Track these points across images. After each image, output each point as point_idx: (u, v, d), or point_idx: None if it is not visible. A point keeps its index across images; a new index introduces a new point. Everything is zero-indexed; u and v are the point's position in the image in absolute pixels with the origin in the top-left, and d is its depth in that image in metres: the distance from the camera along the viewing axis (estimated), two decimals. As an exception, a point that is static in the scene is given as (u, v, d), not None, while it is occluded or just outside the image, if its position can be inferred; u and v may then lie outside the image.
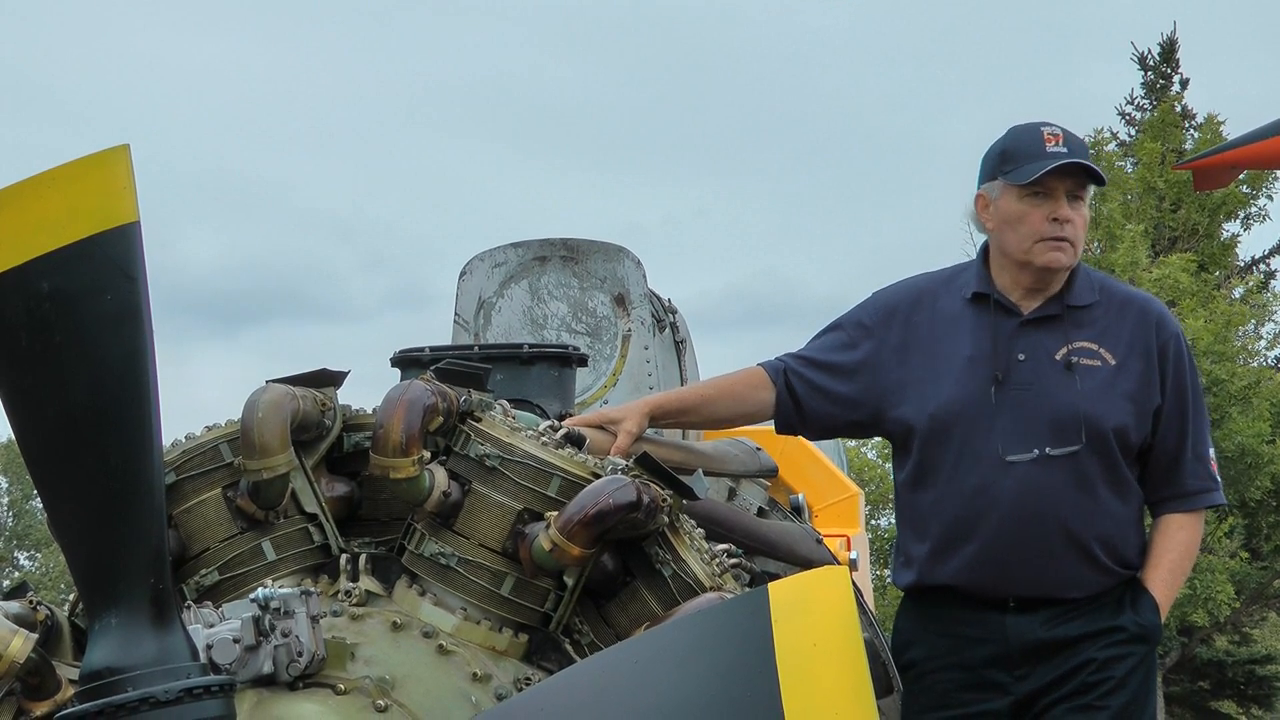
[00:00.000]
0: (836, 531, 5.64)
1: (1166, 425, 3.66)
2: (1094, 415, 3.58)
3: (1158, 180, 24.96)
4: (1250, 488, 23.17)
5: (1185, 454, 3.68)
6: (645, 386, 4.70)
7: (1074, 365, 3.62)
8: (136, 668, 2.23)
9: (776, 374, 3.79)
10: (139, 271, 2.22)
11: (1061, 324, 3.66)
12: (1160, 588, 3.65)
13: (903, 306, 3.77)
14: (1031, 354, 3.64)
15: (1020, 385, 3.62)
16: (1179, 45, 28.31)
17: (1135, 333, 3.67)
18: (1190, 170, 11.56)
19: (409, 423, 2.89)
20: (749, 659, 2.22)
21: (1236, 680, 28.02)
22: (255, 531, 3.03)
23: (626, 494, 2.82)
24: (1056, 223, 3.61)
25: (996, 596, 3.61)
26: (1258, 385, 22.99)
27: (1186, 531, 3.71)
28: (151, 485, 2.26)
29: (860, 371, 3.75)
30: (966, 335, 3.68)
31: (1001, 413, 3.60)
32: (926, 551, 3.66)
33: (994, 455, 3.58)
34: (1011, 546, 3.57)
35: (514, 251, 4.80)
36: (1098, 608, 3.60)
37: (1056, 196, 3.62)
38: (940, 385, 3.65)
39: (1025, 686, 3.57)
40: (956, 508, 3.62)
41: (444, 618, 2.92)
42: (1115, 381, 3.63)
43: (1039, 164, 3.60)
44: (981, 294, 3.70)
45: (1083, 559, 3.59)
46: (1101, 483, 3.60)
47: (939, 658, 3.65)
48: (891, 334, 3.74)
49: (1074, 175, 3.62)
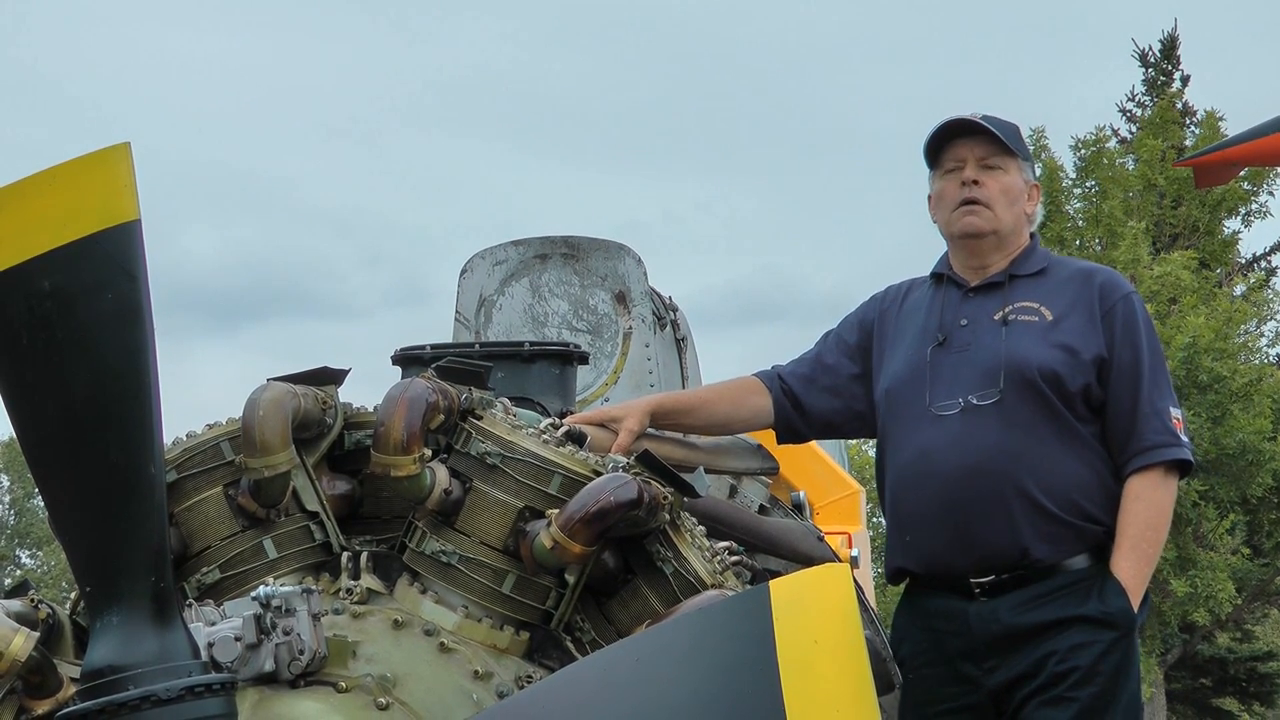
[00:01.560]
0: (838, 529, 5.64)
1: (1118, 382, 3.63)
2: (1017, 360, 3.59)
3: (1158, 177, 24.94)
4: (1252, 485, 23.13)
5: (1140, 409, 3.62)
6: (646, 384, 4.70)
7: (1010, 321, 3.67)
8: (138, 666, 2.23)
9: (770, 380, 3.91)
10: (140, 270, 2.22)
11: (1003, 290, 3.73)
12: (1124, 568, 3.56)
13: (882, 305, 3.91)
14: (973, 318, 3.72)
15: (959, 348, 3.69)
16: (1180, 42, 28.34)
17: (1079, 294, 3.70)
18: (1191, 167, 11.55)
19: (410, 421, 2.89)
20: (750, 657, 2.22)
21: (1238, 677, 28.02)
22: (256, 529, 3.03)
23: (627, 491, 2.82)
24: (965, 186, 3.71)
25: (959, 572, 3.60)
26: (1259, 382, 22.94)
27: (1144, 501, 3.59)
28: (152, 483, 2.26)
29: (849, 367, 3.87)
30: (922, 313, 3.80)
31: (939, 374, 3.67)
32: (894, 530, 3.74)
33: (924, 411, 3.64)
34: (959, 507, 3.57)
35: (515, 249, 4.81)
36: (1063, 596, 3.55)
37: (966, 167, 3.73)
38: (894, 361, 3.77)
39: (995, 679, 3.57)
40: (904, 478, 3.67)
41: (445, 615, 2.92)
42: (1050, 332, 3.65)
43: (939, 135, 3.75)
44: (939, 274, 3.83)
45: (1032, 509, 3.55)
46: (1039, 433, 3.58)
47: (923, 654, 3.69)
48: (873, 332, 3.88)
49: (982, 141, 3.72)
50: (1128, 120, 28.01)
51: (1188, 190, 24.79)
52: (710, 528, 3.24)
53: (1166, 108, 26.30)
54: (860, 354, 3.88)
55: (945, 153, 3.76)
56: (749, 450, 4.21)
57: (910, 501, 3.67)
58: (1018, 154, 3.76)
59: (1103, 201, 24.21)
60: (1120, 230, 23.58)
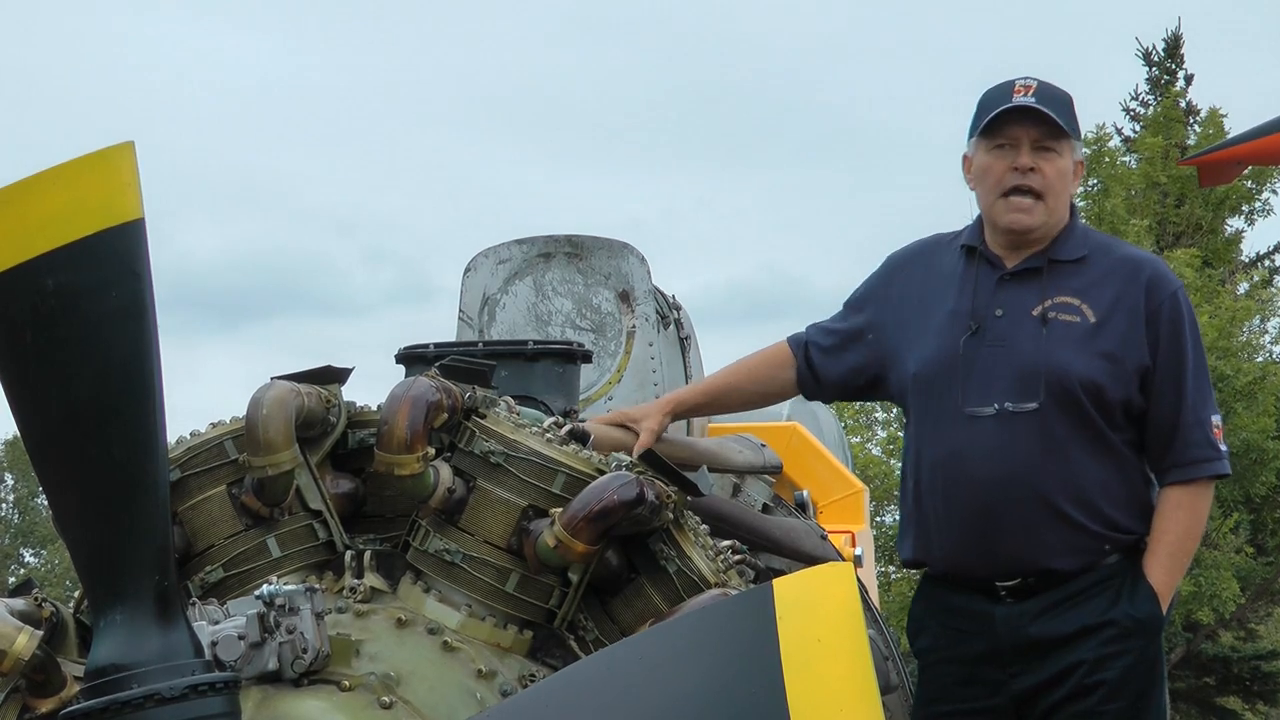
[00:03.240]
0: (841, 528, 5.63)
1: (1161, 389, 3.51)
2: (1058, 369, 3.46)
3: (1160, 176, 24.92)
4: (1255, 483, 23.10)
5: (1183, 419, 3.51)
6: (650, 383, 4.70)
7: (1050, 320, 3.52)
8: (141, 665, 2.24)
9: (798, 347, 3.81)
10: (143, 268, 2.23)
11: (1041, 278, 3.56)
12: (1159, 573, 3.50)
13: (904, 264, 3.76)
14: (1009, 309, 3.55)
15: (994, 341, 3.53)
16: (1184, 41, 28.32)
17: (1124, 290, 3.53)
18: (1195, 166, 11.55)
19: (414, 419, 2.89)
20: (753, 656, 2.22)
21: (1242, 676, 27.97)
22: (260, 528, 3.04)
23: (631, 490, 2.82)
24: (1017, 172, 3.53)
25: (985, 577, 3.52)
26: (1263, 381, 22.92)
27: (1185, 509, 3.52)
28: (156, 482, 2.27)
29: (866, 332, 3.74)
30: (954, 290, 3.63)
31: (971, 368, 3.52)
32: (915, 525, 3.62)
33: (957, 410, 3.51)
34: (987, 516, 3.48)
35: (518, 248, 4.80)
36: (1092, 597, 3.48)
37: (1019, 146, 3.54)
38: (925, 342, 3.61)
39: (1019, 684, 3.50)
40: (933, 478, 3.56)
41: (449, 614, 2.92)
42: (1093, 338, 3.50)
43: (996, 113, 3.55)
44: (971, 247, 3.65)
45: (1062, 522, 3.46)
46: (1075, 444, 3.47)
47: (941, 649, 3.61)
48: (892, 292, 3.73)
49: (1038, 123, 3.53)
50: (1131, 119, 28.00)
51: (1191, 189, 24.77)
52: (714, 526, 3.24)
53: (1169, 106, 26.27)
54: (877, 322, 3.72)
55: (998, 126, 3.55)
56: (752, 449, 4.21)
57: (937, 502, 3.56)
58: (1071, 134, 3.58)
59: (1105, 200, 24.18)
60: (1123, 229, 23.55)
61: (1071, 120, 3.58)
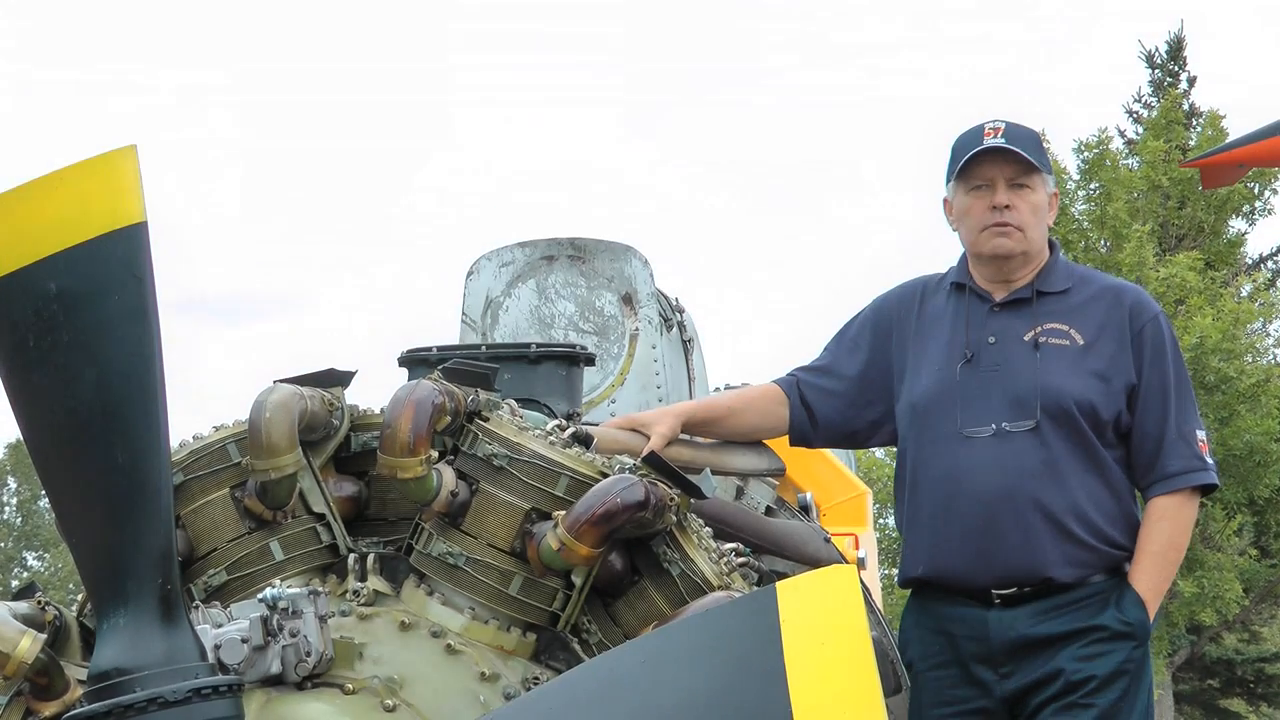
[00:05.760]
0: (844, 530, 5.62)
1: (1146, 406, 3.68)
2: (1053, 390, 3.62)
3: (1162, 178, 24.91)
4: (1259, 485, 23.07)
5: (1168, 434, 3.68)
6: (653, 385, 4.70)
7: (1041, 344, 3.68)
8: (145, 668, 2.24)
9: (790, 388, 3.91)
10: (147, 271, 2.23)
11: (1030, 307, 3.73)
12: (1144, 581, 3.64)
13: (899, 308, 3.89)
14: (1001, 336, 3.72)
15: (989, 367, 3.69)
16: (1186, 43, 28.31)
17: (1109, 315, 3.72)
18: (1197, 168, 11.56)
19: (417, 422, 2.89)
20: (757, 658, 2.22)
21: (1245, 678, 27.97)
22: (263, 531, 3.04)
23: (634, 493, 2.82)
24: (995, 210, 3.71)
25: (980, 586, 3.63)
26: (1266, 383, 22.88)
27: (1170, 520, 3.68)
28: (159, 485, 2.27)
29: (865, 373, 3.86)
30: (947, 325, 3.79)
31: (969, 393, 3.67)
32: (913, 543, 3.74)
33: (955, 432, 3.65)
34: (986, 531, 3.60)
35: (521, 251, 4.81)
36: (1082, 605, 3.61)
37: (996, 186, 3.72)
38: (920, 375, 3.76)
39: (1010, 685, 3.60)
40: (932, 498, 3.68)
41: (452, 617, 2.92)
42: (1083, 359, 3.67)
43: (970, 156, 3.72)
44: (959, 283, 3.82)
45: (1060, 535, 3.60)
46: (1070, 461, 3.62)
47: (933, 656, 3.70)
48: (883, 332, 3.86)
49: (1010, 161, 3.71)
50: (1134, 121, 27.99)
51: (1192, 191, 24.76)
52: (717, 529, 3.24)
53: (1171, 109, 26.26)
54: (876, 363, 3.86)
55: (972, 168, 3.74)
56: (755, 451, 4.21)
57: (936, 521, 3.68)
58: (1041, 169, 3.76)
59: (1107, 203, 24.17)
60: (1125, 232, 23.55)
61: (1041, 155, 3.77)
